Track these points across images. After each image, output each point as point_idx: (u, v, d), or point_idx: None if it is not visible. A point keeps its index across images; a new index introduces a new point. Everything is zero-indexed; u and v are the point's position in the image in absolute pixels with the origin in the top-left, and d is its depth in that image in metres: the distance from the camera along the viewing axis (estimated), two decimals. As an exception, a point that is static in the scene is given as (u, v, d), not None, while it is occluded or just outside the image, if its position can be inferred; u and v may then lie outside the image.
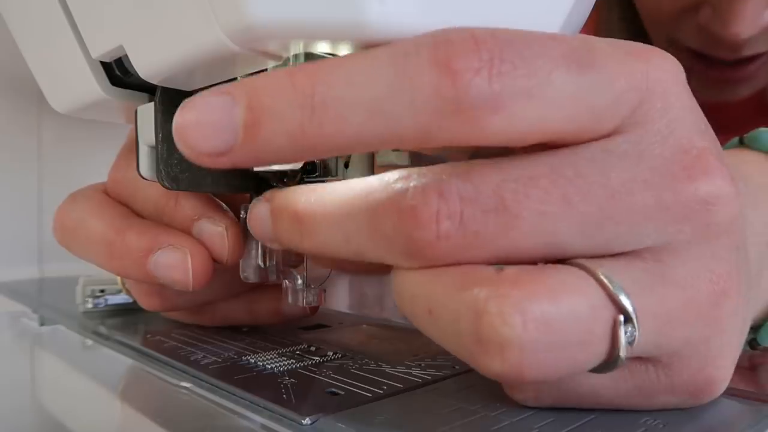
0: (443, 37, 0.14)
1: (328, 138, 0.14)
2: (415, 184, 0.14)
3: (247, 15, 0.15)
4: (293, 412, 0.18)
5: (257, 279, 0.24)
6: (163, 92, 0.22)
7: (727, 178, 0.15)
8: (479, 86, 0.13)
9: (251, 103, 0.14)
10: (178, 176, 0.22)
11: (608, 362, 0.15)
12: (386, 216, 0.14)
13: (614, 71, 0.15)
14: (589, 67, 0.15)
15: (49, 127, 0.59)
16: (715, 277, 0.16)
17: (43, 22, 0.23)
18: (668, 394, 0.17)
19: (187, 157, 0.15)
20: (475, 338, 0.14)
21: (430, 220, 0.14)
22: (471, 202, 0.14)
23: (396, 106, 0.14)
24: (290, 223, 0.17)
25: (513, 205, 0.14)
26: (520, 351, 0.13)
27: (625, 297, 0.14)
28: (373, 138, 0.14)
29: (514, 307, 0.13)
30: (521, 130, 0.14)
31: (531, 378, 0.14)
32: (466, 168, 0.15)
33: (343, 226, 0.16)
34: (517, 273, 0.14)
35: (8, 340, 0.32)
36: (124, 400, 0.22)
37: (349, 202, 0.15)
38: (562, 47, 0.15)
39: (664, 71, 0.16)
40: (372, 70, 0.14)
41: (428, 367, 0.23)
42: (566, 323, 0.14)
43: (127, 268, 0.24)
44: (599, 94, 0.15)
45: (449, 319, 0.14)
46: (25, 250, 0.57)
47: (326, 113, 0.14)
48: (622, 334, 0.14)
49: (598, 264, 0.15)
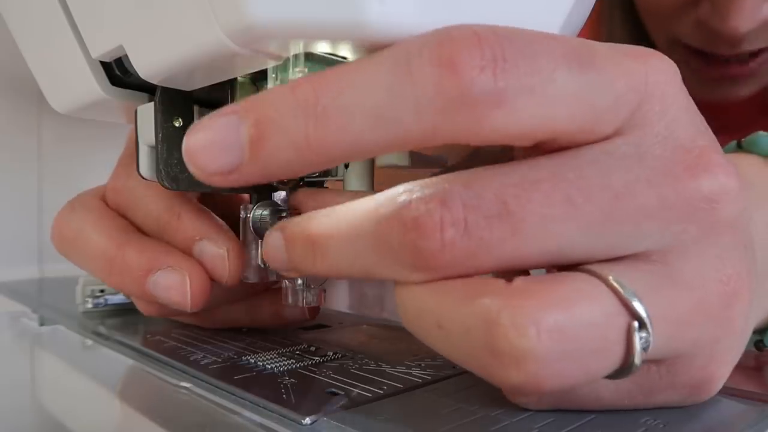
0: (445, 36, 0.14)
1: (333, 146, 0.14)
2: (418, 196, 0.14)
3: (247, 15, 0.15)
4: (293, 412, 0.18)
5: (257, 279, 0.24)
6: (163, 92, 0.22)
7: (731, 174, 0.15)
8: (483, 82, 0.13)
9: (256, 117, 0.14)
10: (178, 176, 0.22)
11: (623, 368, 0.14)
12: (391, 230, 0.14)
13: (614, 72, 0.15)
14: (590, 67, 0.15)
15: (49, 127, 0.59)
16: (725, 277, 0.15)
17: (43, 22, 0.23)
18: (669, 392, 0.17)
19: (198, 179, 0.15)
20: (489, 351, 0.13)
21: (434, 229, 0.14)
22: (474, 209, 0.14)
23: (400, 109, 0.14)
24: (304, 248, 0.17)
25: (516, 209, 0.14)
26: (536, 362, 0.13)
27: (638, 302, 0.14)
28: (379, 142, 0.14)
29: (527, 318, 0.13)
30: (524, 127, 0.14)
31: (549, 388, 0.14)
32: (468, 176, 0.14)
33: (352, 245, 0.15)
34: (527, 283, 0.14)
35: (8, 340, 0.32)
36: (124, 400, 0.22)
37: (358, 221, 0.15)
38: (563, 46, 0.15)
39: (662, 73, 0.16)
40: (374, 75, 0.14)
41: (428, 367, 0.23)
42: (581, 332, 0.13)
43: (126, 285, 0.24)
44: (600, 94, 0.15)
45: (460, 332, 0.14)
46: (25, 250, 0.57)
47: (330, 121, 0.14)
48: (637, 340, 0.14)
49: (608, 269, 0.14)
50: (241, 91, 0.21)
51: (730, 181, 0.15)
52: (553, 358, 0.13)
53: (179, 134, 0.22)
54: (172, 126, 0.22)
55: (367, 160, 0.22)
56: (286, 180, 0.23)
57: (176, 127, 0.22)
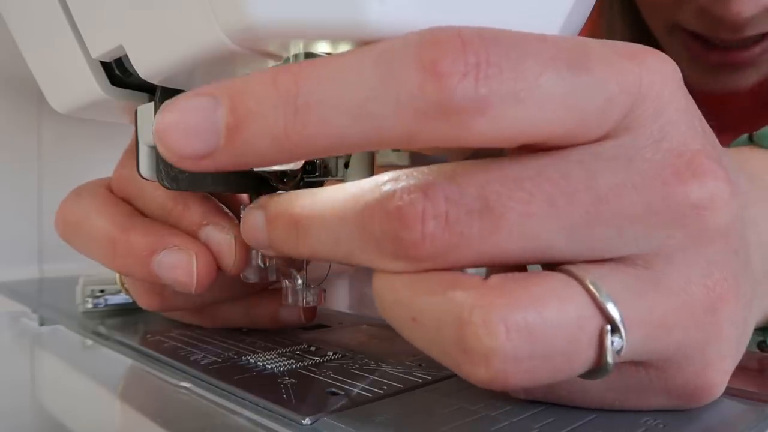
0: (429, 38, 0.14)
1: (311, 140, 0.14)
2: (403, 186, 0.14)
3: (247, 15, 0.15)
4: (293, 412, 0.18)
5: (257, 279, 0.24)
6: (163, 92, 0.22)
7: (722, 180, 0.15)
8: (465, 89, 0.13)
9: (234, 104, 0.14)
10: (178, 176, 0.22)
11: (596, 369, 0.15)
12: (374, 217, 0.14)
13: (606, 74, 0.15)
14: (579, 70, 0.14)
15: (49, 127, 0.59)
16: (710, 282, 0.15)
17: (43, 22, 0.23)
18: (663, 396, 0.17)
19: (168, 160, 0.15)
20: (459, 347, 0.14)
21: (415, 220, 0.14)
22: (456, 203, 0.14)
23: (380, 108, 0.14)
24: (286, 228, 0.17)
25: (497, 206, 0.14)
26: (503, 361, 0.13)
27: (612, 305, 0.14)
28: (358, 139, 0.14)
29: (497, 316, 0.13)
30: (508, 133, 0.14)
31: (515, 385, 0.14)
32: (453, 169, 0.14)
33: (335, 228, 0.15)
34: (501, 281, 0.14)
35: (8, 340, 0.32)
36: (124, 400, 0.22)
37: (342, 205, 0.15)
38: (551, 49, 0.14)
39: (659, 73, 0.16)
40: (357, 71, 0.14)
41: (428, 367, 0.23)
42: (551, 332, 0.14)
43: (130, 266, 0.24)
44: (590, 98, 0.14)
45: (432, 326, 0.14)
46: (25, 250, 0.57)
47: (310, 115, 0.14)
48: (609, 344, 0.14)
49: (587, 270, 0.14)
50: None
51: (721, 188, 0.15)
52: (521, 356, 0.13)
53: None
54: None
55: (368, 160, 0.22)
56: (286, 180, 0.23)
57: None
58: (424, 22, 0.16)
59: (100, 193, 0.26)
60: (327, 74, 0.14)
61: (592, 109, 0.15)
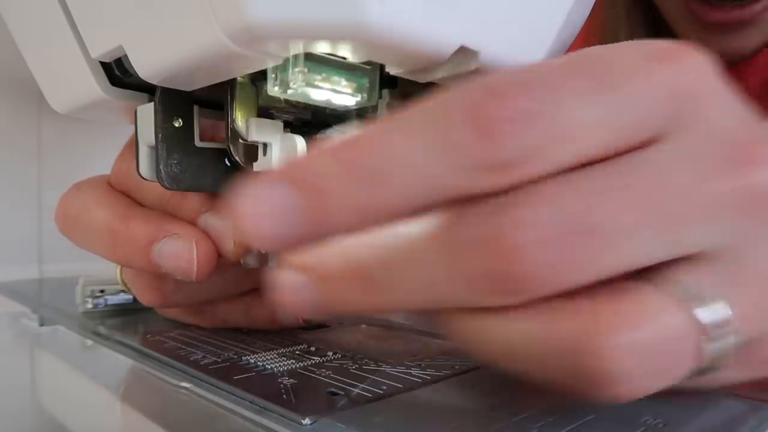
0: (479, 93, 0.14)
1: (383, 208, 0.14)
2: (500, 218, 0.14)
3: (247, 15, 0.15)
4: (293, 413, 0.18)
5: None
6: (163, 92, 0.22)
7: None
8: (515, 145, 0.14)
9: (303, 185, 0.14)
10: (178, 176, 0.22)
11: (707, 368, 0.15)
12: (471, 255, 0.14)
13: (640, 87, 0.15)
14: (612, 89, 0.15)
15: (49, 127, 0.59)
16: None
17: (43, 22, 0.23)
18: (735, 372, 0.17)
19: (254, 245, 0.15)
20: (580, 375, 0.14)
21: (523, 250, 0.14)
22: (558, 226, 0.14)
23: (439, 170, 0.14)
24: (349, 283, 0.16)
25: (595, 222, 0.14)
26: (621, 383, 0.14)
27: (712, 308, 0.15)
28: (424, 202, 0.14)
29: (610, 341, 0.14)
30: (558, 167, 0.14)
31: (637, 397, 0.15)
32: (542, 192, 0.14)
33: (418, 274, 0.15)
34: (607, 302, 0.14)
35: (8, 340, 0.32)
36: (124, 400, 0.22)
37: (422, 248, 0.15)
38: (579, 78, 0.14)
39: (694, 71, 0.16)
40: (408, 138, 0.14)
41: (428, 367, 0.23)
42: (661, 347, 0.14)
43: (130, 256, 0.24)
44: (627, 114, 0.15)
45: (547, 356, 0.15)
46: (25, 250, 0.57)
47: (379, 183, 0.14)
48: (713, 346, 0.15)
49: (683, 273, 0.15)
50: (241, 91, 0.21)
51: None
52: (639, 374, 0.14)
53: (179, 134, 0.22)
54: (171, 126, 0.22)
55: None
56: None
57: (176, 128, 0.22)
58: (424, 22, 0.16)
59: (101, 186, 0.26)
60: (383, 146, 0.14)
61: (632, 123, 0.15)
